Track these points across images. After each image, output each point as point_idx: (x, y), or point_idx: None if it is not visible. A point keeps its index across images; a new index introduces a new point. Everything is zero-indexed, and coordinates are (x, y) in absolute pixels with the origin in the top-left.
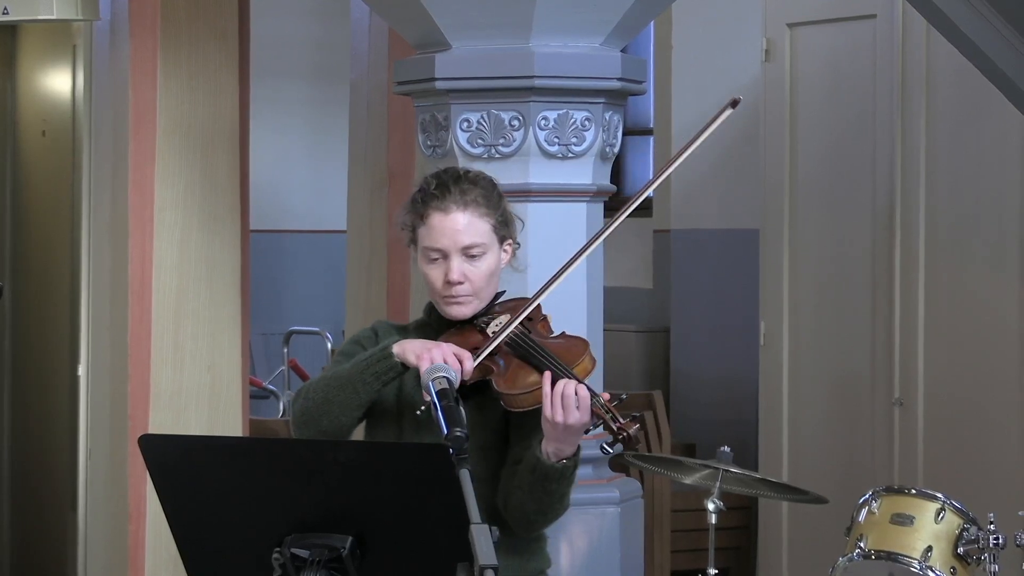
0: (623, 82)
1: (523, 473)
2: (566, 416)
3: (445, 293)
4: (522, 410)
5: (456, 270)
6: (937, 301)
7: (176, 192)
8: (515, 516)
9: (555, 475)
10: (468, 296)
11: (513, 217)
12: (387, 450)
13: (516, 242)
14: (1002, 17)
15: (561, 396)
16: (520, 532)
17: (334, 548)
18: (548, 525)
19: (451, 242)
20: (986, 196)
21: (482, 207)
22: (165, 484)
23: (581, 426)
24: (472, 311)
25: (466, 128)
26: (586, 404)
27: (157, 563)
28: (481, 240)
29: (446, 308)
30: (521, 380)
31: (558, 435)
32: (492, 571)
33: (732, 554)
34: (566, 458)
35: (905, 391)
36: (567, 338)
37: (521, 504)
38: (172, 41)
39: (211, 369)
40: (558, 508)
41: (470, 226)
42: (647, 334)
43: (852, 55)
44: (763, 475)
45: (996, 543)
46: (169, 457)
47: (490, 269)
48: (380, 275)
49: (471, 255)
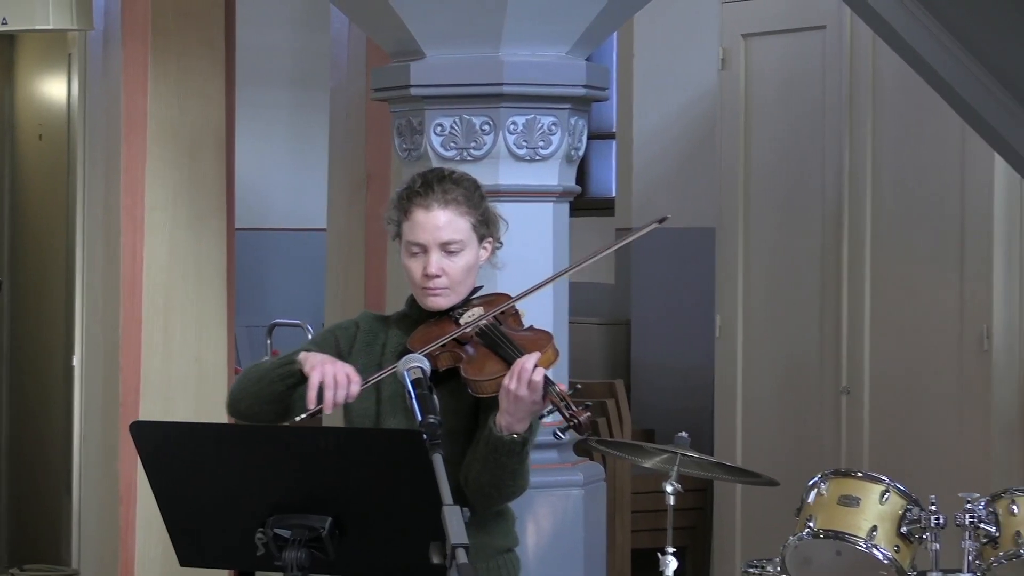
0: (587, 89)
1: (479, 446)
2: (518, 387)
3: (424, 285)
4: (487, 396)
5: (434, 264)
6: (882, 295)
7: (165, 192)
8: (472, 490)
9: (505, 448)
10: (445, 289)
11: (496, 218)
12: (364, 436)
13: (499, 242)
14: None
15: (521, 369)
16: (478, 506)
17: (314, 528)
18: (505, 501)
19: (431, 237)
20: (928, 196)
21: (463, 206)
22: (154, 468)
23: (531, 405)
24: (449, 303)
25: (440, 132)
26: (538, 385)
27: (147, 543)
28: (460, 237)
29: (424, 300)
30: (487, 368)
31: (511, 408)
32: (463, 550)
33: (689, 533)
34: (517, 434)
35: (852, 380)
36: (534, 331)
37: (478, 477)
38: (162, 50)
39: (198, 360)
40: (512, 485)
41: (450, 223)
42: (609, 326)
43: (803, 63)
44: (718, 459)
45: (937, 523)
46: (158, 443)
47: (467, 265)
48: (358, 271)
49: (449, 251)
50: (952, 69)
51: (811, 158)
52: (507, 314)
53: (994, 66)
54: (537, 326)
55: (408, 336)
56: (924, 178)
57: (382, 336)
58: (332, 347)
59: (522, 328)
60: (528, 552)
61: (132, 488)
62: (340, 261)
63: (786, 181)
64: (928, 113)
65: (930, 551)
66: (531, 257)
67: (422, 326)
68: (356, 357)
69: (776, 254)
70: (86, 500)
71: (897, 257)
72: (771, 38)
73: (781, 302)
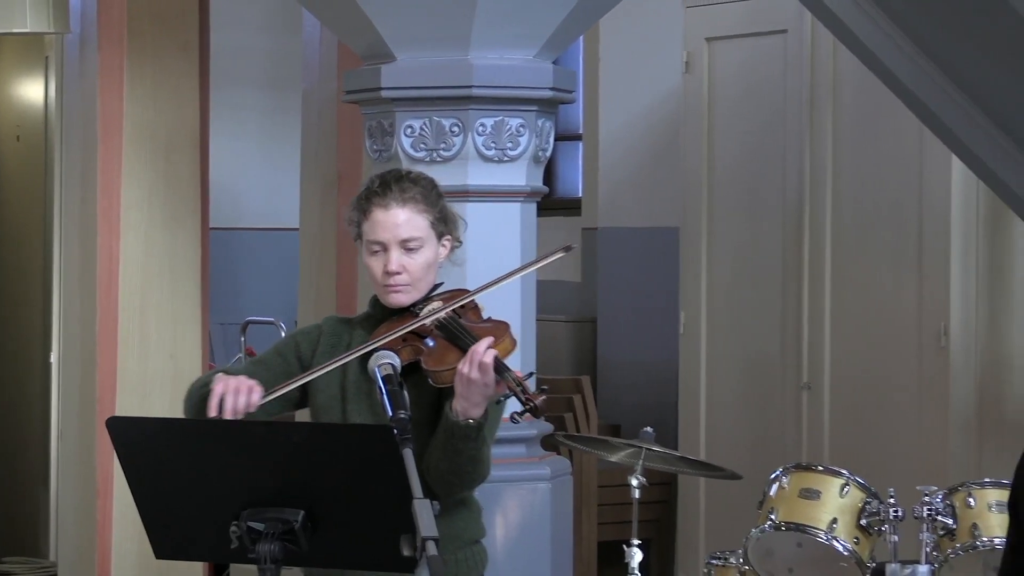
0: (554, 91)
1: (438, 432)
2: (471, 370)
3: (385, 283)
4: (447, 386)
5: (395, 261)
6: (842, 293)
7: (141, 192)
8: (433, 477)
9: (461, 433)
10: (406, 285)
11: (455, 216)
12: (336, 431)
13: (458, 240)
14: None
15: (473, 352)
16: (440, 493)
17: (287, 521)
18: (466, 488)
19: (391, 236)
20: (887, 196)
21: (420, 204)
22: (131, 463)
23: (484, 388)
24: (410, 300)
25: (410, 134)
26: (489, 367)
27: (123, 536)
28: (418, 234)
29: (386, 297)
30: (447, 359)
31: (465, 392)
32: (433, 542)
33: (654, 526)
34: (473, 419)
35: (813, 376)
36: (493, 322)
37: (437, 464)
38: (138, 53)
39: (173, 356)
40: (471, 472)
41: (408, 222)
42: (576, 324)
43: (765, 67)
44: (682, 453)
45: (896, 515)
46: (134, 438)
47: (427, 261)
48: (330, 269)
49: (409, 248)
50: (910, 72)
51: (773, 159)
52: (467, 308)
53: (950, 69)
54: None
55: (370, 335)
56: (883, 178)
57: (346, 337)
58: (292, 351)
59: (482, 321)
60: (496, 544)
61: (109, 482)
62: (312, 260)
63: (748, 182)
64: (887, 115)
65: (889, 543)
66: (499, 255)
67: (385, 323)
68: (320, 359)
69: (739, 253)
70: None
71: (857, 256)
72: (734, 42)
73: (743, 300)
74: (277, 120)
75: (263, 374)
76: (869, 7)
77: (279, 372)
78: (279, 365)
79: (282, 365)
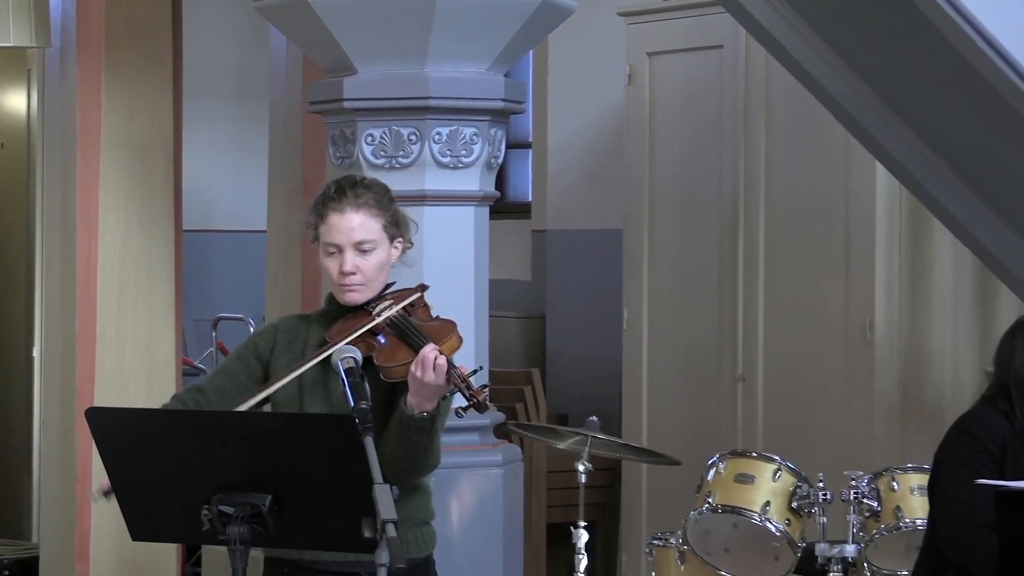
0: (506, 102)
1: (393, 424)
2: (424, 374)
3: (340, 282)
4: (399, 380)
5: (349, 262)
6: (775, 291)
7: (117, 197)
8: (389, 465)
9: (416, 426)
10: (360, 285)
11: (406, 220)
12: (301, 420)
13: (409, 242)
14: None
15: (423, 358)
16: (395, 481)
17: (255, 505)
18: (419, 476)
19: (345, 238)
20: (816, 200)
21: (374, 208)
22: (108, 451)
23: (436, 387)
24: (364, 298)
25: (370, 142)
26: (442, 370)
27: (102, 520)
28: (372, 237)
29: (342, 295)
30: (398, 355)
31: (418, 390)
32: (392, 524)
33: (599, 509)
34: (425, 412)
35: (747, 368)
36: (441, 321)
37: (392, 453)
38: (115, 66)
39: (149, 350)
40: (424, 460)
41: (362, 225)
42: (526, 320)
43: (702, 79)
44: (626, 440)
45: (824, 498)
46: (112, 427)
47: (380, 262)
48: (295, 269)
49: (363, 250)
50: (837, 84)
51: (710, 166)
52: (416, 306)
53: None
54: (444, 316)
55: (327, 330)
56: (812, 184)
57: (303, 333)
58: (252, 353)
59: (430, 319)
60: (452, 527)
61: (88, 469)
62: (279, 260)
63: (687, 187)
64: (816, 125)
65: (818, 524)
66: (454, 256)
67: (340, 320)
68: (279, 355)
69: (678, 253)
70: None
71: (788, 256)
72: (673, 56)
73: (683, 297)
74: (246, 129)
75: (229, 385)
76: (800, 24)
77: (243, 378)
78: (242, 371)
79: (245, 370)
